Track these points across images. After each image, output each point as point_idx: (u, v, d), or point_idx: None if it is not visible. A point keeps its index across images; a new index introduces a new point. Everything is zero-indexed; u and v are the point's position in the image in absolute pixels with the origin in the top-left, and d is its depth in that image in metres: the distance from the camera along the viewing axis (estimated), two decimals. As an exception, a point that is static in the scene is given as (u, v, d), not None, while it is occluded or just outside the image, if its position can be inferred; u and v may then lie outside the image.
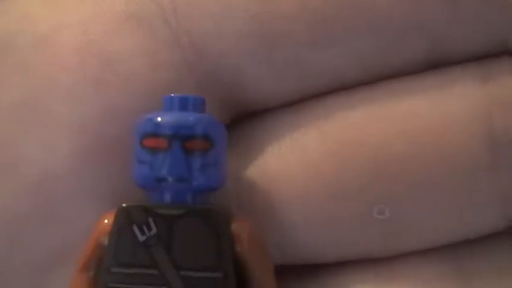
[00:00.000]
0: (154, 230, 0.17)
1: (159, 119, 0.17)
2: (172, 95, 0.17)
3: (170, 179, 0.17)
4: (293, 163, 0.18)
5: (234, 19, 0.18)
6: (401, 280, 0.18)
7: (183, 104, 0.17)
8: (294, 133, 0.18)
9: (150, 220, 0.17)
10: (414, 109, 0.18)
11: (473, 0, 0.18)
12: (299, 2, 0.18)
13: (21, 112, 0.18)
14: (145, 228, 0.17)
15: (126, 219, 0.17)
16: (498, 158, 0.18)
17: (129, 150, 0.17)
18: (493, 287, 0.18)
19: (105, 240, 0.17)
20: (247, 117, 0.19)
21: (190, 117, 0.17)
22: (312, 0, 0.18)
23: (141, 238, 0.17)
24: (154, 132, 0.17)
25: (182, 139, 0.17)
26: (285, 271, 0.18)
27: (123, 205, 0.17)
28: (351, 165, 0.18)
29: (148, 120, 0.17)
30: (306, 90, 0.18)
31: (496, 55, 0.18)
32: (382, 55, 0.18)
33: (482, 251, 0.19)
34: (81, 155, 0.18)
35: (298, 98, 0.18)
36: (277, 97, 0.18)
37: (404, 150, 0.18)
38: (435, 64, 0.18)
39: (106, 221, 0.17)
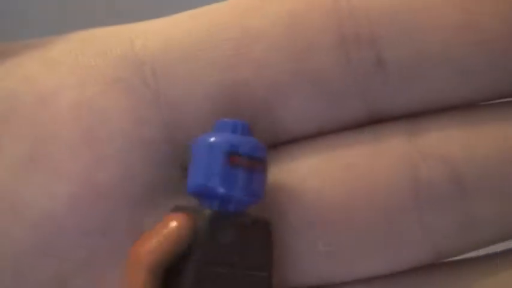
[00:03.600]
0: (232, 235, 0.19)
1: (247, 142, 0.19)
2: (226, 119, 0.19)
3: (249, 195, 0.19)
4: None
5: (201, 84, 0.20)
6: None
7: (236, 128, 0.19)
8: None
9: (229, 226, 0.19)
10: (352, 161, 0.20)
11: (402, 64, 0.20)
12: (256, 70, 0.20)
13: (24, 162, 0.20)
14: (227, 232, 0.19)
15: (215, 224, 0.19)
16: (423, 203, 0.20)
17: (115, 194, 0.20)
18: None
19: (181, 242, 0.19)
20: None
21: (255, 140, 0.19)
22: (268, 69, 0.20)
23: (224, 241, 0.19)
24: (245, 153, 0.19)
25: (263, 163, 0.19)
26: None
27: (211, 211, 0.19)
28: (295, 208, 0.20)
29: (237, 141, 0.19)
30: (268, 141, 0.20)
31: (424, 112, 0.20)
32: (325, 114, 0.20)
33: (415, 278, 0.21)
34: (76, 199, 0.20)
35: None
36: None
37: (342, 197, 0.20)
38: (371, 121, 0.20)
39: (175, 223, 0.19)
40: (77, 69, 0.20)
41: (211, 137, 0.19)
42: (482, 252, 0.21)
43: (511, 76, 0.20)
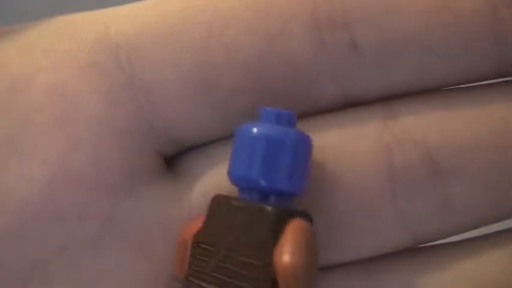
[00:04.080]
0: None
1: (284, 131, 0.19)
2: (269, 108, 0.19)
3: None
4: None
5: (174, 68, 0.20)
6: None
7: (281, 118, 0.19)
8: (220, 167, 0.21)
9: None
10: (326, 143, 0.20)
11: (375, 47, 0.20)
12: (228, 53, 0.20)
13: (1, 148, 0.20)
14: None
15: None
16: (398, 186, 0.20)
17: (90, 178, 0.20)
18: None
19: None
20: None
21: (299, 131, 0.19)
22: (240, 54, 0.20)
23: None
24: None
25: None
26: None
27: (268, 209, 0.19)
28: None
29: (277, 131, 0.19)
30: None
31: (400, 96, 0.20)
32: (299, 97, 0.20)
33: (395, 264, 0.21)
34: (52, 183, 0.20)
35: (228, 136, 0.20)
36: (209, 135, 0.21)
37: (316, 180, 0.20)
38: (346, 105, 0.21)
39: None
40: (51, 53, 0.20)
41: (255, 126, 0.19)
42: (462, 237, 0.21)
43: (486, 59, 0.20)
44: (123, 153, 0.20)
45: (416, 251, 0.21)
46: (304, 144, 0.19)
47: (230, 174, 0.19)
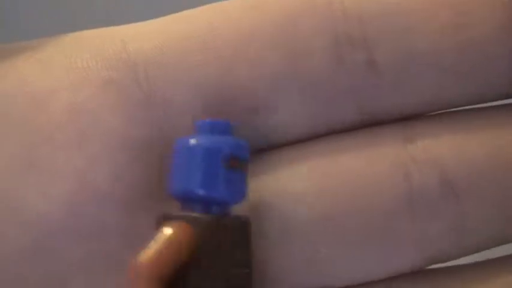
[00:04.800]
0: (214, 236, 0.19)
1: (221, 140, 0.19)
2: (206, 120, 0.19)
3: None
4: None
5: (192, 85, 0.20)
6: None
7: (217, 128, 0.19)
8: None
9: (212, 227, 0.19)
10: (344, 166, 0.20)
11: (393, 65, 0.20)
12: (250, 70, 0.20)
13: (20, 164, 0.20)
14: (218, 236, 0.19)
15: (201, 229, 0.19)
16: (415, 208, 0.20)
17: (108, 194, 0.20)
18: None
19: (182, 252, 0.19)
20: None
21: (237, 139, 0.19)
22: (262, 69, 0.20)
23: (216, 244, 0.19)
24: (239, 155, 0.19)
25: (234, 159, 0.19)
26: None
27: (205, 217, 0.19)
28: (286, 213, 0.20)
29: (233, 144, 0.19)
30: (259, 143, 0.21)
31: (419, 116, 0.21)
32: (317, 115, 0.20)
33: (406, 283, 0.21)
34: (71, 198, 0.20)
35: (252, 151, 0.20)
36: None
37: (335, 202, 0.20)
38: (364, 123, 0.21)
39: (178, 233, 0.19)
40: (70, 70, 0.21)
41: (191, 138, 0.20)
42: (475, 258, 0.21)
43: (501, 79, 0.20)
44: (141, 170, 0.20)
45: (428, 272, 0.21)
46: (242, 152, 0.19)
47: (170, 189, 0.20)
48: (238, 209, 0.20)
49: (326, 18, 0.20)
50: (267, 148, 0.21)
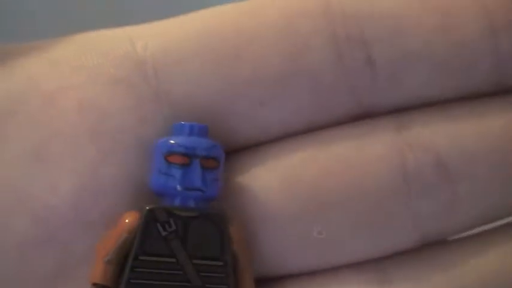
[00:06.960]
0: (173, 227, 0.20)
1: (183, 141, 0.20)
2: (183, 122, 0.20)
3: (190, 188, 0.20)
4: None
5: (199, 84, 0.21)
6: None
7: (192, 130, 0.20)
8: (251, 170, 0.21)
9: (171, 220, 0.20)
10: (343, 152, 0.21)
11: (387, 62, 0.21)
12: (252, 70, 0.21)
13: (29, 158, 0.20)
14: (166, 225, 0.20)
15: (151, 218, 0.20)
16: (411, 189, 0.21)
17: (117, 189, 0.20)
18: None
19: (128, 236, 0.20)
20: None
21: (205, 141, 0.20)
22: (264, 69, 0.21)
23: (163, 233, 0.20)
24: (179, 151, 0.20)
25: (200, 158, 0.20)
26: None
27: (149, 207, 0.20)
28: (294, 197, 0.21)
29: (173, 141, 0.20)
30: (260, 138, 0.22)
31: (410, 108, 0.22)
32: (317, 110, 0.21)
33: (404, 260, 0.22)
34: (78, 192, 0.20)
35: (252, 145, 0.22)
36: (234, 145, 0.21)
37: (336, 186, 0.21)
38: (361, 116, 0.22)
39: (127, 220, 0.20)
40: (79, 69, 0.21)
41: (163, 139, 0.20)
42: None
43: (486, 75, 0.22)
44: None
45: (423, 249, 0.22)
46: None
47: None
48: (218, 204, 0.21)
49: (325, 20, 0.21)
50: (267, 142, 0.22)
